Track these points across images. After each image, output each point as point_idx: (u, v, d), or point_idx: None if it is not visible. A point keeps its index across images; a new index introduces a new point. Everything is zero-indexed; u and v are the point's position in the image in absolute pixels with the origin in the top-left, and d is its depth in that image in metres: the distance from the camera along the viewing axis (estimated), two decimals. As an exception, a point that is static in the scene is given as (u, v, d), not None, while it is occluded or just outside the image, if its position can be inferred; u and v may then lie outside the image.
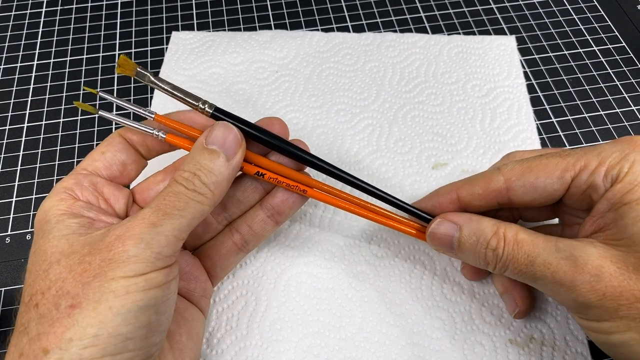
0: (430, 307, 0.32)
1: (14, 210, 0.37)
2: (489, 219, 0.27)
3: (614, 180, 0.24)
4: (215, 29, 0.47)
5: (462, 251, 0.27)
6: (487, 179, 0.28)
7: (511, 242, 0.25)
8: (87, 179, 0.26)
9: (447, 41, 0.44)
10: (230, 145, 0.26)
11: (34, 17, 0.49)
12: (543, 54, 0.45)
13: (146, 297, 0.21)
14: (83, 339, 0.20)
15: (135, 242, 0.21)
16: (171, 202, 0.23)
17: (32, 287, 0.22)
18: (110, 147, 0.27)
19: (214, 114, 0.27)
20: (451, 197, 0.29)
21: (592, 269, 0.23)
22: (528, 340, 0.31)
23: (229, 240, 0.30)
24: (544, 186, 0.26)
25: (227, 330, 0.31)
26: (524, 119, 0.40)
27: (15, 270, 0.35)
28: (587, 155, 0.25)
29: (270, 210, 0.30)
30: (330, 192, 0.29)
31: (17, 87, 0.44)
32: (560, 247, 0.24)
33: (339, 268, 0.33)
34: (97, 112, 0.27)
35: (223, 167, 0.25)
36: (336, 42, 0.45)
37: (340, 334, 0.31)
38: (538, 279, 0.24)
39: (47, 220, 0.24)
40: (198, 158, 0.25)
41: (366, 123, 0.40)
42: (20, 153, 0.40)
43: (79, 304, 0.20)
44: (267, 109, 0.41)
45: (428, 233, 0.29)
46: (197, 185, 0.24)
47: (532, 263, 0.24)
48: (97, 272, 0.21)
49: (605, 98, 0.42)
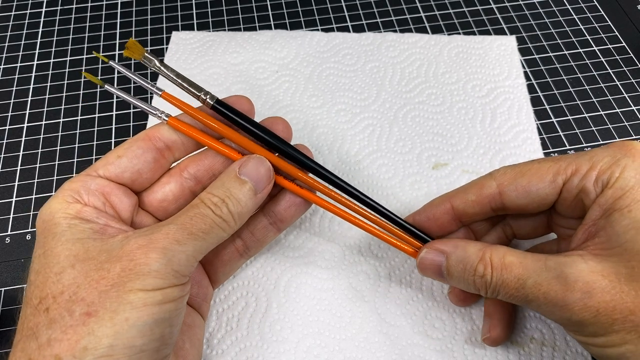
0: (430, 307, 0.32)
1: (14, 210, 0.37)
2: (475, 243, 0.26)
3: (604, 185, 0.24)
4: (215, 29, 0.47)
5: (451, 279, 0.27)
6: (480, 185, 0.28)
7: (499, 266, 0.25)
8: (95, 181, 0.25)
9: (447, 41, 0.44)
10: (262, 179, 0.26)
11: (34, 17, 0.49)
12: (543, 54, 0.45)
13: (161, 311, 0.21)
14: (98, 349, 0.19)
15: (159, 257, 0.21)
16: (197, 224, 0.23)
17: (41, 289, 0.21)
18: (128, 152, 0.26)
19: (215, 106, 0.27)
20: (445, 207, 0.29)
21: (582, 286, 0.22)
22: (528, 341, 0.31)
23: (231, 246, 0.30)
24: (536, 190, 0.26)
25: (227, 331, 0.31)
26: (524, 119, 0.40)
27: (15, 270, 0.35)
28: (578, 159, 0.25)
29: (272, 217, 0.30)
30: (336, 198, 0.29)
31: (17, 87, 0.44)
32: (550, 265, 0.23)
33: (339, 268, 0.33)
34: (103, 84, 0.27)
35: (250, 201, 0.25)
36: (336, 42, 0.45)
37: (341, 334, 0.31)
38: (531, 301, 0.24)
39: (57, 223, 0.23)
40: (229, 185, 0.25)
41: (366, 123, 0.40)
42: (20, 153, 0.40)
43: (94, 312, 0.20)
44: (267, 109, 0.41)
45: (417, 262, 0.28)
46: (224, 212, 0.24)
47: (522, 286, 0.24)
48: (115, 281, 0.21)
49: (605, 98, 0.42)
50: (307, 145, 0.38)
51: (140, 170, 0.27)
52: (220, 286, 0.33)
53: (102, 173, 0.26)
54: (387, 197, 0.36)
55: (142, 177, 0.27)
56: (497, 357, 0.30)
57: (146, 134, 0.27)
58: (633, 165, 0.24)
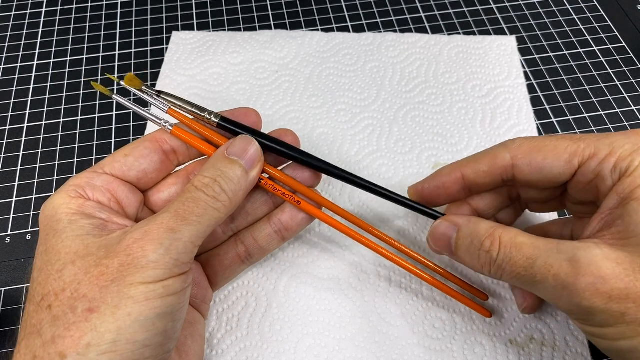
0: (430, 307, 0.32)
1: (14, 210, 0.37)
2: (488, 221, 0.26)
3: (622, 173, 0.23)
4: (215, 29, 0.47)
5: (459, 253, 0.27)
6: (493, 156, 0.27)
7: (508, 244, 0.24)
8: (100, 178, 0.25)
9: (447, 41, 0.44)
10: (251, 157, 0.26)
11: (34, 17, 0.49)
12: (543, 54, 0.45)
13: (164, 305, 0.21)
14: (101, 345, 0.19)
15: (155, 248, 0.21)
16: (190, 208, 0.23)
17: (43, 287, 0.21)
18: (135, 152, 0.27)
19: (220, 124, 0.27)
20: (455, 176, 0.28)
21: (596, 270, 0.21)
22: (528, 341, 0.31)
23: (233, 251, 0.30)
24: (550, 168, 0.25)
25: (227, 330, 0.31)
26: (524, 119, 0.40)
27: (15, 270, 0.35)
28: (598, 142, 0.24)
29: (277, 225, 0.30)
30: (340, 214, 0.29)
31: (17, 87, 0.44)
32: (562, 248, 0.22)
33: (339, 268, 0.33)
34: (112, 95, 0.27)
35: (242, 178, 0.25)
36: (336, 42, 0.45)
37: (341, 334, 0.31)
38: (538, 282, 0.23)
39: (58, 219, 0.23)
40: (219, 165, 0.25)
41: (366, 123, 0.40)
42: (20, 153, 0.40)
43: (96, 308, 0.20)
44: (268, 109, 0.41)
45: (429, 232, 0.28)
46: (216, 191, 0.24)
47: (531, 265, 0.23)
48: (115, 276, 0.21)
49: (605, 98, 0.42)
50: (307, 145, 0.38)
51: (146, 169, 0.27)
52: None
53: (108, 170, 0.26)
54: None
55: (148, 176, 0.27)
56: (497, 357, 0.30)
57: (153, 136, 0.27)
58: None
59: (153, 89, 0.28)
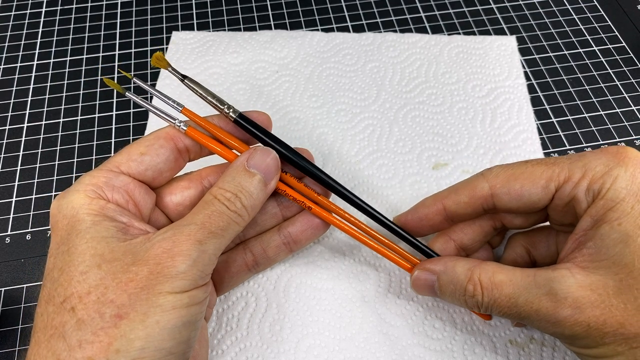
0: (430, 308, 0.32)
1: (14, 210, 0.37)
2: (464, 262, 0.26)
3: (595, 195, 0.24)
4: (215, 29, 0.47)
5: (445, 298, 0.27)
6: (472, 187, 0.27)
7: (489, 286, 0.25)
8: (119, 178, 0.25)
9: (447, 41, 0.44)
10: (270, 170, 0.26)
11: (34, 17, 0.49)
12: (543, 54, 0.45)
13: (189, 314, 0.21)
14: (130, 351, 0.20)
15: (184, 259, 0.21)
16: (216, 222, 0.23)
17: (65, 288, 0.21)
18: (151, 150, 0.26)
19: (237, 120, 0.27)
20: (437, 207, 0.29)
21: (572, 302, 0.22)
22: (528, 341, 0.31)
23: (241, 259, 0.30)
24: (528, 195, 0.26)
25: (227, 331, 0.31)
26: (524, 119, 0.40)
27: (15, 271, 0.35)
28: (572, 165, 0.25)
29: (287, 237, 0.30)
30: (352, 222, 0.30)
31: (17, 87, 0.44)
32: (539, 282, 0.23)
33: (339, 268, 0.33)
34: (125, 92, 0.27)
35: (261, 192, 0.26)
36: (336, 42, 0.45)
37: (341, 334, 0.31)
38: (524, 317, 0.24)
39: (81, 219, 0.23)
40: (239, 179, 0.25)
41: (366, 123, 0.40)
42: (20, 153, 0.40)
43: (125, 314, 0.20)
44: (268, 109, 0.41)
45: (411, 283, 0.29)
46: (238, 207, 0.24)
47: (514, 304, 0.24)
48: (144, 284, 0.21)
49: (605, 98, 0.42)
50: (307, 145, 0.38)
51: (161, 169, 0.27)
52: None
53: (125, 169, 0.25)
54: (387, 197, 0.36)
55: (162, 175, 0.27)
56: (497, 357, 0.30)
57: (167, 133, 0.27)
58: (625, 176, 0.23)
59: (178, 72, 0.27)
